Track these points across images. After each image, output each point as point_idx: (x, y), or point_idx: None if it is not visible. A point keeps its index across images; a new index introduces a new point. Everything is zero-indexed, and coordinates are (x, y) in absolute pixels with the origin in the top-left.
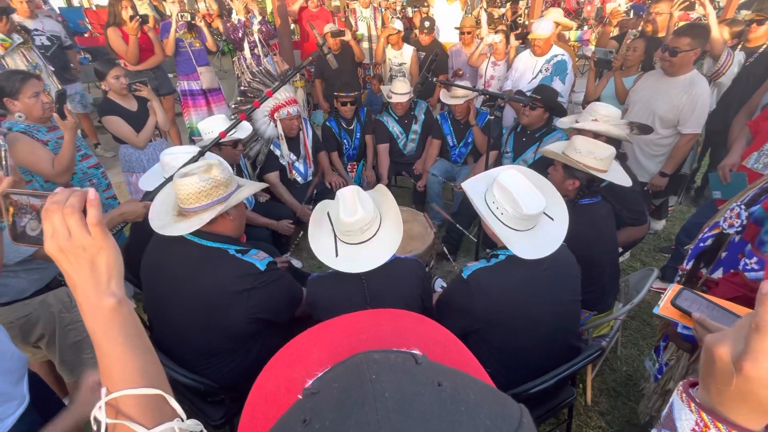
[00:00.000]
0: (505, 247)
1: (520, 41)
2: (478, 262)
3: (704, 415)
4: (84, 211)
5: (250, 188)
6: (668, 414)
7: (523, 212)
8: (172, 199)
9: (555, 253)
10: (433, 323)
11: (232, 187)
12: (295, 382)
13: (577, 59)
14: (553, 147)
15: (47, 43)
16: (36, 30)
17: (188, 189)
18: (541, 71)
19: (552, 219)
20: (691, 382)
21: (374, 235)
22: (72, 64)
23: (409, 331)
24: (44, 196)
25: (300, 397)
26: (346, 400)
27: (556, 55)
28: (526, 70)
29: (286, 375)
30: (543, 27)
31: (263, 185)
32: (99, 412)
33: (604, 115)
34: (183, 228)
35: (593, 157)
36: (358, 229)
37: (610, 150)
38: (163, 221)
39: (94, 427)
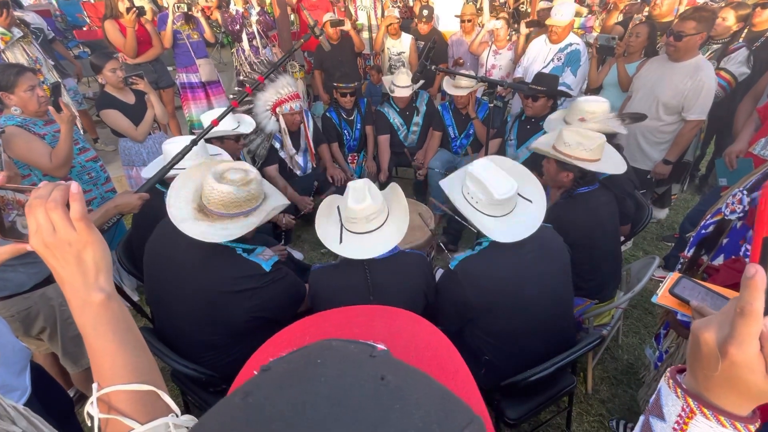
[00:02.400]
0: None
1: (531, 29)
2: (465, 252)
3: (690, 400)
4: (68, 206)
5: (276, 209)
6: (656, 400)
7: (494, 197)
8: (192, 189)
9: (539, 235)
10: (430, 327)
11: (260, 199)
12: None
13: None
14: (541, 142)
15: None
16: None
17: (221, 197)
18: (553, 60)
19: (530, 201)
20: (678, 368)
21: (379, 227)
22: (64, 56)
23: (402, 331)
24: (29, 190)
25: (255, 372)
26: (286, 379)
27: (570, 44)
28: (538, 58)
29: (269, 356)
30: (563, 12)
31: (287, 203)
32: (91, 408)
33: (590, 112)
34: (205, 233)
35: (583, 148)
36: (364, 218)
37: (600, 139)
38: (183, 213)
39: (89, 422)
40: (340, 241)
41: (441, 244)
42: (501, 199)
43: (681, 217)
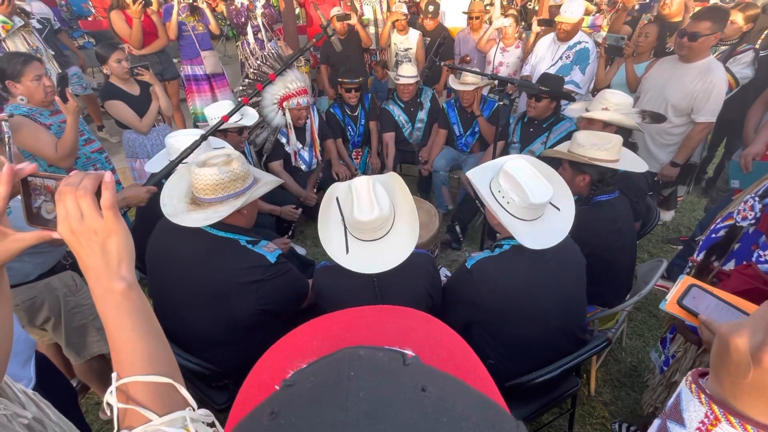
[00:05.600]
0: (508, 237)
1: (542, 27)
2: (482, 252)
3: (715, 407)
4: (99, 194)
5: (267, 185)
6: (675, 404)
7: (530, 201)
8: (185, 185)
9: (559, 243)
10: (441, 325)
11: (249, 181)
12: (288, 373)
13: None
14: (557, 148)
15: (38, 26)
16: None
17: (206, 180)
18: (561, 58)
19: (558, 209)
20: (700, 371)
21: (388, 231)
22: (67, 46)
23: (414, 331)
24: (60, 178)
25: (277, 388)
26: (318, 396)
27: (579, 42)
28: (546, 56)
29: (281, 365)
30: (572, 9)
31: (280, 181)
32: (110, 397)
33: (615, 104)
34: (197, 219)
35: (598, 149)
36: (372, 229)
37: (615, 138)
38: (176, 208)
39: (108, 412)
40: (347, 251)
41: (447, 241)
42: (536, 204)
43: (687, 219)
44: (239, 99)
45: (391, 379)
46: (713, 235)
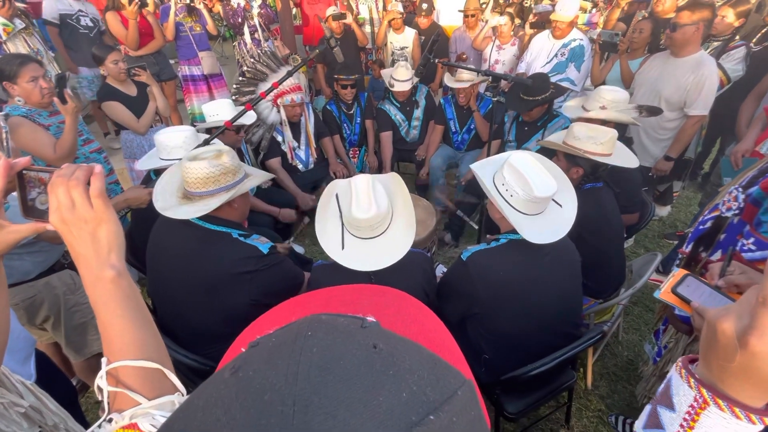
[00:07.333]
0: (506, 233)
1: (535, 30)
2: (478, 245)
3: (704, 391)
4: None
5: (257, 178)
6: (665, 390)
7: (534, 194)
8: (178, 181)
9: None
10: (415, 302)
11: (240, 175)
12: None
13: None
14: (552, 137)
15: (90, 24)
16: (81, 11)
17: (196, 173)
18: (556, 55)
19: (560, 206)
20: (690, 357)
21: (385, 230)
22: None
23: (389, 307)
24: (53, 171)
25: (243, 349)
26: (276, 352)
27: (574, 40)
28: (541, 53)
29: (256, 336)
30: (567, 8)
31: (270, 176)
32: (101, 381)
33: (611, 101)
34: (188, 212)
35: (593, 142)
36: (369, 226)
37: (611, 132)
38: (168, 202)
39: (99, 396)
40: (342, 247)
41: (443, 238)
42: (540, 198)
43: (683, 214)
44: (234, 97)
45: (345, 338)
46: (700, 227)
